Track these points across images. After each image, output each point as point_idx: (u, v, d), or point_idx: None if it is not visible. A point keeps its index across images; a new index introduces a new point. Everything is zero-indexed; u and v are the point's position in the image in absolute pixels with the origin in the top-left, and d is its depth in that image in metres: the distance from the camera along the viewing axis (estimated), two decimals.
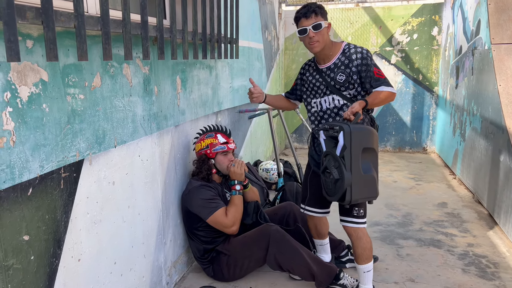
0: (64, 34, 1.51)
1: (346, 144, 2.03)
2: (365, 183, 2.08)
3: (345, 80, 2.28)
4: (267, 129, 5.22)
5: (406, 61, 6.18)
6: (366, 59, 2.26)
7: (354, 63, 2.26)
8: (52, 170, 1.48)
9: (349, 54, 2.28)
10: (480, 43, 3.98)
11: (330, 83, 2.32)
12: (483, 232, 3.35)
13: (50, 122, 1.46)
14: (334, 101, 2.33)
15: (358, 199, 2.09)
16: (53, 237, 1.51)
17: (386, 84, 2.25)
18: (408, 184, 4.73)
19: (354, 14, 6.24)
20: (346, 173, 2.02)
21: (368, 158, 2.09)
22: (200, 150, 2.63)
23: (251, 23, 4.30)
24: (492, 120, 3.60)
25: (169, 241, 2.50)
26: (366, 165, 2.08)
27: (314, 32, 2.21)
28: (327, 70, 2.34)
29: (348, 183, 2.03)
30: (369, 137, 2.10)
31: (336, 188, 2.10)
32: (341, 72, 2.28)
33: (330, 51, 2.31)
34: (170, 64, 2.40)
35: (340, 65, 2.29)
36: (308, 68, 2.47)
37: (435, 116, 6.20)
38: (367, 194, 2.11)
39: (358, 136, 2.05)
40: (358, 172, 2.05)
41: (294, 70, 6.58)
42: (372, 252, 2.37)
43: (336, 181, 2.08)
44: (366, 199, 2.16)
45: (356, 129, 2.05)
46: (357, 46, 2.31)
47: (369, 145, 2.09)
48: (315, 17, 2.21)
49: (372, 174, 2.10)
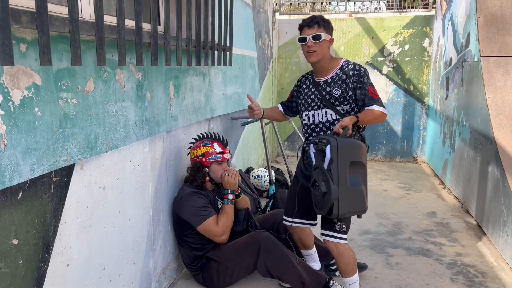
0: (58, 38, 1.52)
1: (333, 158, 2.02)
2: (353, 197, 2.06)
3: (340, 95, 2.30)
4: (259, 137, 5.24)
5: (397, 71, 6.25)
6: (363, 77, 2.29)
7: (351, 79, 2.28)
8: (43, 174, 1.48)
9: (347, 70, 2.31)
10: (469, 55, 4.05)
11: (325, 97, 2.33)
12: (472, 242, 3.39)
13: (42, 126, 1.46)
14: (327, 115, 2.35)
15: (345, 213, 2.08)
16: (42, 242, 1.50)
17: (379, 104, 2.28)
18: (398, 193, 4.77)
19: (347, 24, 6.32)
20: (333, 187, 2.01)
21: (357, 172, 2.09)
22: (195, 157, 2.63)
23: (245, 31, 4.33)
24: (480, 131, 3.65)
25: (159, 247, 2.49)
26: (355, 179, 2.07)
27: (313, 42, 2.26)
28: (323, 84, 2.36)
29: (335, 196, 2.01)
30: (357, 151, 2.09)
31: (324, 202, 2.08)
32: (337, 87, 2.31)
33: (328, 65, 2.35)
34: (164, 70, 2.42)
35: (337, 79, 2.32)
36: (305, 80, 2.49)
37: (425, 126, 6.27)
38: (355, 208, 2.09)
39: (345, 149, 2.04)
40: (345, 185, 2.04)
41: (287, 78, 6.62)
42: (356, 264, 2.36)
43: (324, 195, 2.06)
44: (355, 213, 2.14)
45: (343, 143, 2.05)
46: (355, 63, 2.35)
47: (357, 158, 2.08)
48: (317, 28, 2.26)
49: (361, 188, 2.09)
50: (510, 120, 3.32)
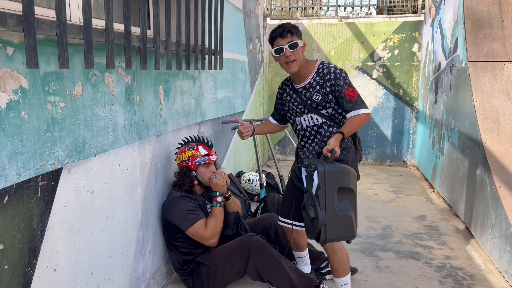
0: (46, 41, 1.51)
1: (320, 184, 2.02)
2: (341, 223, 2.05)
3: (321, 99, 2.29)
4: (250, 141, 5.23)
5: (387, 76, 6.31)
6: (339, 79, 2.25)
7: (328, 83, 2.26)
8: (30, 178, 1.47)
9: (322, 74, 2.29)
10: (457, 60, 4.11)
11: (307, 103, 2.33)
12: (460, 245, 3.42)
13: (29, 129, 1.45)
14: (313, 119, 2.35)
15: (333, 238, 2.07)
16: (29, 246, 1.48)
17: (358, 105, 2.23)
18: (388, 197, 4.80)
19: (337, 29, 6.37)
20: (321, 213, 2.01)
21: (345, 198, 2.08)
22: (181, 162, 2.62)
23: (236, 35, 4.35)
24: (468, 135, 3.70)
25: (148, 252, 2.48)
26: (343, 205, 2.07)
27: (290, 51, 2.22)
28: (302, 90, 2.34)
29: (323, 222, 2.01)
30: (344, 177, 2.08)
31: (312, 226, 2.08)
32: (317, 92, 2.29)
33: (305, 70, 2.32)
34: (153, 74, 2.41)
35: (316, 85, 2.30)
36: (285, 87, 2.48)
37: (415, 130, 6.33)
38: (343, 234, 2.09)
39: (332, 176, 2.03)
40: (333, 211, 2.03)
41: (278, 82, 6.64)
42: (349, 265, 2.39)
43: (313, 220, 2.06)
44: (342, 239, 2.14)
45: (330, 169, 2.04)
46: (330, 65, 2.31)
47: (345, 185, 2.07)
48: (291, 36, 2.22)
49: (349, 214, 2.08)
50: (497, 124, 3.36)
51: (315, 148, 2.37)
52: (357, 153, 2.44)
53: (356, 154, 2.42)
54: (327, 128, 2.34)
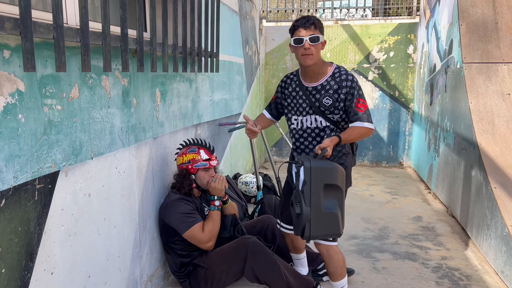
0: (43, 45, 1.51)
1: (306, 180, 2.01)
2: (326, 220, 2.04)
3: (331, 104, 2.22)
4: (246, 143, 5.24)
5: (383, 77, 6.34)
6: (354, 88, 2.21)
7: (343, 91, 2.20)
8: (27, 181, 1.46)
9: (339, 79, 2.22)
10: (452, 62, 4.14)
11: (315, 104, 2.25)
12: (456, 246, 3.43)
13: (26, 132, 1.45)
14: (316, 121, 2.29)
15: (317, 235, 2.06)
16: (26, 250, 1.48)
17: (365, 119, 2.19)
18: (385, 198, 4.81)
19: (333, 31, 6.39)
20: (305, 209, 2.00)
21: (333, 196, 2.06)
22: (181, 164, 2.62)
23: (232, 37, 4.35)
24: (464, 136, 3.72)
25: (145, 254, 2.48)
26: (330, 202, 2.05)
27: (310, 44, 2.13)
28: (313, 90, 2.27)
29: (307, 218, 2.00)
30: (331, 174, 2.05)
31: (298, 223, 2.07)
32: (329, 96, 2.22)
33: (319, 69, 2.24)
34: (150, 77, 2.41)
35: (329, 88, 2.23)
36: (290, 82, 2.38)
37: (411, 132, 6.36)
38: (328, 231, 2.07)
39: (318, 172, 2.02)
40: (318, 208, 2.01)
41: (274, 84, 6.66)
42: (345, 268, 2.38)
43: (298, 216, 2.05)
44: (327, 236, 2.12)
45: (317, 165, 2.02)
46: (347, 72, 2.25)
47: (332, 181, 2.05)
48: (314, 29, 2.14)
49: (335, 212, 2.06)
50: (492, 125, 3.39)
51: (313, 150, 2.35)
52: (353, 159, 2.43)
53: (352, 159, 2.41)
54: (330, 133, 2.29)
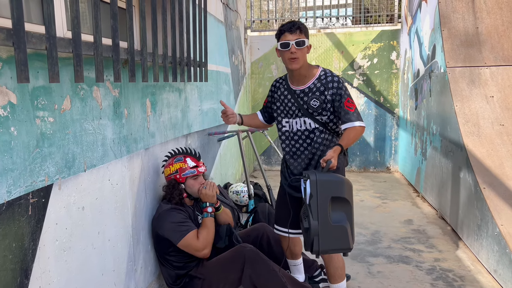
0: (34, 56, 1.49)
1: (313, 193, 2.00)
2: (335, 234, 2.01)
3: (318, 106, 2.27)
4: (236, 152, 5.23)
5: (367, 84, 6.42)
6: (341, 88, 2.26)
7: (330, 92, 2.25)
8: (20, 196, 1.42)
9: (325, 81, 2.27)
10: (436, 67, 4.22)
11: (303, 106, 2.30)
12: (448, 247, 3.47)
13: (19, 145, 1.41)
14: (305, 123, 2.33)
15: (327, 250, 2.03)
16: (20, 267, 1.43)
17: (355, 117, 2.23)
18: (375, 203, 4.84)
19: (317, 39, 6.47)
20: (313, 222, 1.98)
21: (341, 209, 2.03)
22: (169, 175, 2.58)
23: (219, 47, 4.36)
24: (451, 139, 3.78)
25: (139, 267, 2.43)
26: (339, 215, 2.02)
27: (296, 48, 2.18)
28: (300, 93, 2.32)
29: (315, 232, 1.98)
30: (338, 187, 2.04)
31: (307, 237, 2.04)
32: (316, 98, 2.27)
33: (306, 72, 2.29)
34: (140, 87, 2.39)
35: (315, 90, 2.28)
36: (279, 86, 2.43)
37: (396, 137, 6.44)
38: (337, 245, 2.03)
39: (324, 185, 2.01)
40: (326, 222, 1.99)
41: (260, 93, 6.68)
42: (345, 271, 2.39)
43: (307, 230, 2.03)
44: (337, 251, 2.08)
45: (322, 178, 2.01)
46: (333, 74, 2.30)
47: (339, 194, 2.03)
48: (299, 34, 2.19)
49: (344, 225, 2.02)
50: (477, 127, 3.45)
51: (304, 152, 2.37)
52: (345, 159, 2.46)
53: (344, 159, 2.44)
54: (319, 134, 2.33)
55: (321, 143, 2.32)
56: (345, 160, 2.44)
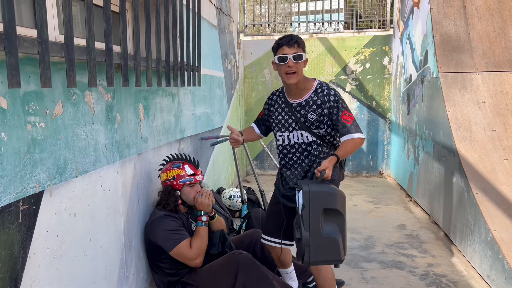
0: (25, 60, 1.46)
1: (305, 204, 1.99)
2: (326, 245, 2.00)
3: (316, 119, 2.26)
4: (229, 156, 5.21)
5: (360, 89, 6.45)
6: (338, 101, 2.25)
7: (327, 105, 2.24)
8: (10, 203, 1.39)
9: (321, 95, 2.27)
10: (428, 72, 4.25)
11: (300, 120, 2.29)
12: (441, 252, 3.48)
13: (9, 151, 1.38)
14: (303, 137, 2.31)
15: (318, 261, 2.02)
16: (10, 276, 1.40)
17: (353, 130, 2.22)
18: (368, 208, 4.85)
19: (309, 44, 6.48)
20: (304, 233, 1.97)
21: (333, 220, 2.02)
22: (165, 181, 2.55)
23: (212, 52, 4.35)
24: (443, 144, 3.80)
25: (132, 274, 2.39)
26: (331, 227, 2.01)
27: (294, 62, 2.17)
28: (297, 106, 2.31)
29: (306, 243, 1.97)
30: (330, 198, 2.03)
31: (298, 247, 2.03)
32: (313, 111, 2.26)
33: (302, 86, 2.28)
34: (133, 92, 2.37)
35: (312, 104, 2.27)
36: (276, 99, 2.43)
37: (389, 141, 6.47)
38: (328, 257, 2.02)
39: (317, 196, 1.99)
40: (317, 233, 1.98)
41: (253, 98, 6.68)
42: (335, 281, 2.36)
43: (299, 240, 2.02)
44: (328, 262, 2.07)
45: (315, 189, 2.00)
46: (329, 87, 2.30)
47: (331, 206, 2.02)
48: (297, 48, 2.19)
49: (336, 237, 2.01)
50: (470, 132, 3.48)
51: (301, 165, 2.36)
52: (341, 172, 2.44)
53: (340, 173, 2.42)
54: (316, 147, 2.31)
55: (318, 156, 2.31)
56: (341, 173, 2.42)
